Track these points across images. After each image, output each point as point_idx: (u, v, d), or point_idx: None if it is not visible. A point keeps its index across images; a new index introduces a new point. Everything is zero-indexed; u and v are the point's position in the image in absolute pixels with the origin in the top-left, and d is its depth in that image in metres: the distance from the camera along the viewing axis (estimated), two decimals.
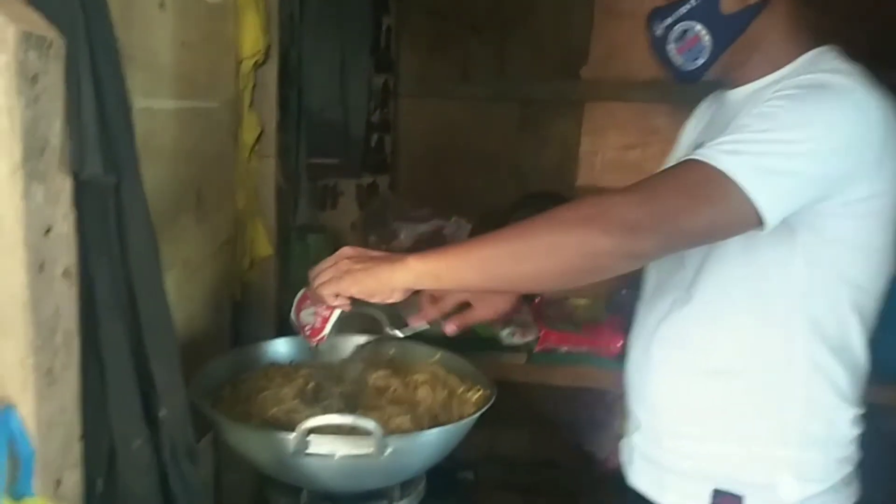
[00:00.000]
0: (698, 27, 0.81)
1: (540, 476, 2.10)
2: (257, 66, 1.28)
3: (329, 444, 0.76)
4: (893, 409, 1.22)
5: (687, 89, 2.00)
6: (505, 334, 1.51)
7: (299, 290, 1.23)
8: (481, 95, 2.15)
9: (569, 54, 2.14)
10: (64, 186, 0.54)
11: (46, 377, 0.56)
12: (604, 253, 0.70)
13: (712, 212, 0.71)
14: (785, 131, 0.72)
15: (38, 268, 0.53)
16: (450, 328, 0.98)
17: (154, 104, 0.94)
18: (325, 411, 0.83)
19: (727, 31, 0.81)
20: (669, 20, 0.83)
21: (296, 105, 1.71)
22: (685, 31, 0.82)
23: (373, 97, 2.00)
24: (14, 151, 0.49)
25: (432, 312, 0.97)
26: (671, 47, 0.84)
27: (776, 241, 0.75)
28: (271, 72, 1.33)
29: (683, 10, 0.81)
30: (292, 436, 0.75)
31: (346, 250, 0.81)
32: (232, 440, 0.86)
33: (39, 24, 0.50)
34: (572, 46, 2.14)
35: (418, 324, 0.98)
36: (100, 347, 0.60)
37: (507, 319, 1.55)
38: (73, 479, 0.60)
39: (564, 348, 1.46)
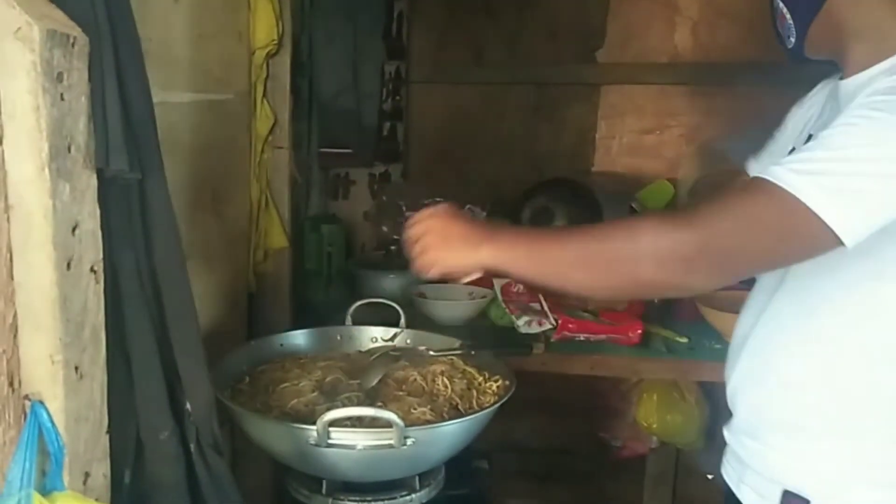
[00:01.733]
0: (781, 5, 0.83)
1: (554, 463, 2.12)
2: (270, 56, 1.29)
3: (350, 435, 0.78)
4: None
5: (705, 71, 1.99)
6: (522, 323, 1.51)
7: (313, 280, 1.22)
8: (495, 80, 2.14)
9: (584, 37, 2.12)
10: (90, 184, 0.56)
11: (75, 372, 0.58)
12: (656, 285, 0.73)
13: (782, 245, 0.70)
14: (865, 147, 0.68)
15: (66, 265, 0.55)
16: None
17: (170, 97, 0.95)
18: (346, 403, 0.84)
19: (803, 10, 0.81)
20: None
21: (307, 94, 1.72)
22: (777, 8, 0.84)
23: (385, 84, 2.00)
24: (41, 150, 0.51)
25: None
26: (777, 23, 0.85)
27: (862, 254, 0.71)
28: (284, 62, 1.33)
29: None
30: (314, 428, 0.76)
31: (438, 212, 0.85)
32: (252, 432, 0.88)
33: (64, 22, 0.51)
34: (588, 29, 2.12)
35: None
36: (126, 341, 0.62)
37: (524, 307, 1.56)
38: (102, 472, 0.62)
39: (582, 336, 1.47)
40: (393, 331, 1.17)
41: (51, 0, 0.51)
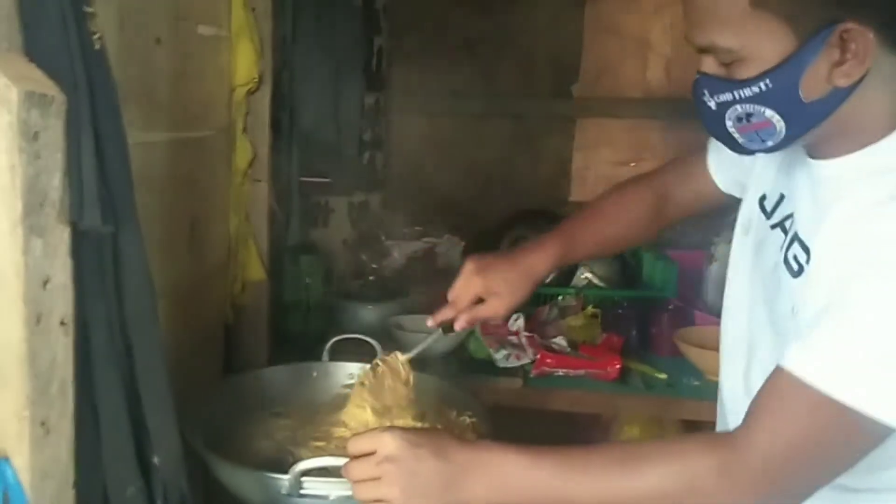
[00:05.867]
0: (768, 112, 0.65)
1: None
2: (250, 92, 1.29)
3: (323, 486, 0.76)
4: None
5: (678, 106, 2.04)
6: (500, 357, 1.51)
7: (292, 312, 1.20)
8: (472, 112, 2.17)
9: (559, 72, 2.17)
10: (63, 238, 0.55)
11: (42, 428, 0.56)
12: None
13: (848, 456, 0.63)
14: None
15: (36, 320, 0.54)
16: (459, 323, 0.96)
17: (150, 137, 0.95)
18: (318, 452, 0.83)
19: (807, 118, 0.66)
20: (727, 98, 0.67)
21: (288, 125, 1.72)
22: (749, 115, 0.66)
23: (364, 116, 2.01)
24: (15, 207, 0.50)
25: (447, 313, 0.95)
26: (730, 124, 0.69)
27: None
28: (264, 98, 1.34)
29: (747, 92, 0.65)
30: (286, 477, 0.75)
31: (387, 445, 0.66)
32: (225, 479, 0.87)
33: (42, 82, 0.50)
34: (563, 64, 2.16)
35: (431, 326, 0.98)
36: (94, 395, 0.61)
37: (502, 340, 1.56)
38: None
39: (561, 371, 1.47)
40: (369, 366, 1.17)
41: (29, 59, 0.51)
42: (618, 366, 1.43)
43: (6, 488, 0.55)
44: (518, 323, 1.57)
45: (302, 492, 0.76)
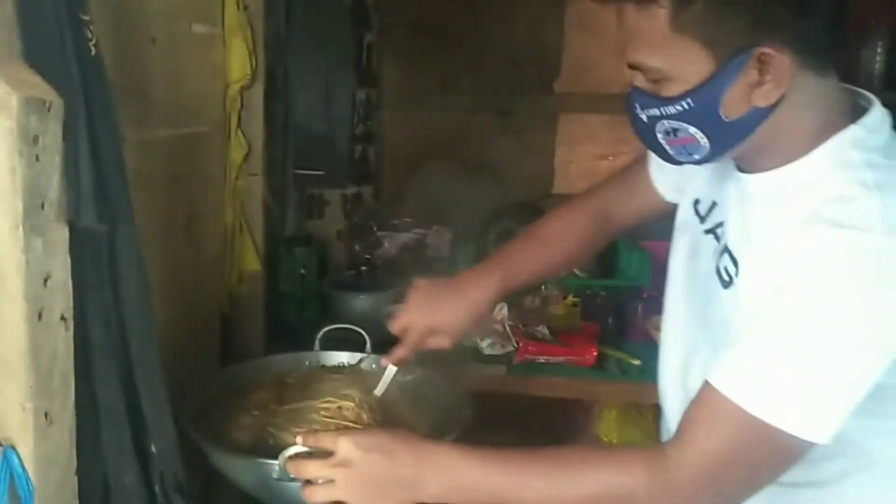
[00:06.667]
0: (692, 129, 0.66)
1: None
2: (244, 88, 1.29)
3: None
4: None
5: None
6: (485, 345, 1.53)
7: (287, 302, 1.21)
8: (460, 107, 2.17)
9: (542, 68, 2.17)
10: (61, 237, 0.56)
11: (45, 419, 0.57)
12: None
13: (776, 467, 0.64)
14: (836, 350, 0.60)
15: (38, 316, 0.55)
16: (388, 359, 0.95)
17: (146, 135, 0.94)
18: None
19: (729, 137, 0.67)
20: (655, 113, 0.68)
21: (282, 120, 1.71)
22: (675, 130, 0.67)
23: (356, 110, 2.01)
24: (16, 208, 0.51)
25: (400, 353, 0.94)
26: (660, 136, 0.69)
27: None
28: (258, 94, 1.34)
29: (672, 110, 0.66)
30: (276, 462, 0.76)
31: (342, 448, 0.68)
32: (218, 464, 0.88)
33: (40, 87, 0.51)
34: (545, 60, 2.16)
35: (386, 364, 0.96)
36: (94, 386, 0.62)
37: (487, 330, 1.57)
38: None
39: (542, 359, 1.49)
40: (359, 356, 1.18)
41: (28, 65, 0.51)
42: (594, 353, 1.45)
43: (12, 476, 0.56)
44: (502, 312, 1.58)
45: (292, 475, 0.77)
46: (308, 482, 0.71)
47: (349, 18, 1.91)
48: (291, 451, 0.74)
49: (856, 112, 0.68)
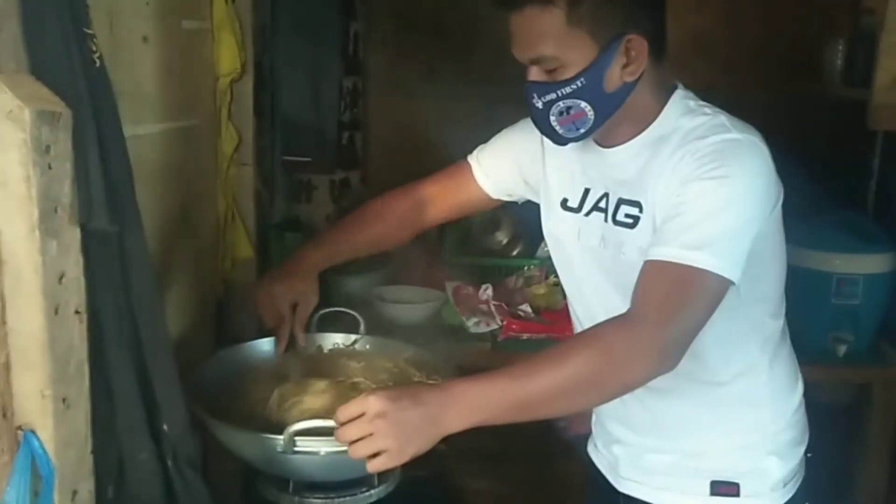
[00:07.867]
0: (583, 104, 0.82)
1: (508, 443, 2.20)
2: (234, 81, 1.30)
3: (315, 443, 0.82)
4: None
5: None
6: (471, 324, 1.58)
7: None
8: (446, 95, 2.18)
9: None
10: (74, 237, 0.59)
11: (62, 404, 0.61)
12: (644, 381, 0.79)
13: (712, 311, 0.79)
14: (729, 206, 0.79)
15: (54, 310, 0.58)
16: (301, 339, 1.10)
17: (141, 130, 0.97)
18: (305, 413, 0.89)
19: (609, 106, 0.84)
20: (552, 97, 0.83)
21: (270, 109, 1.73)
22: (569, 108, 0.83)
23: (343, 98, 2.03)
24: (31, 213, 0.54)
25: (285, 334, 1.09)
26: (553, 119, 0.85)
27: None
28: (247, 86, 1.35)
29: (567, 89, 0.82)
30: (281, 438, 0.81)
31: (374, 405, 0.73)
32: (224, 440, 0.92)
33: (49, 100, 0.54)
34: None
35: (281, 350, 1.09)
36: (108, 373, 0.65)
37: (473, 309, 1.62)
38: (87, 489, 0.66)
39: (525, 336, 1.54)
40: (353, 337, 1.22)
41: (37, 78, 0.54)
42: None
43: (34, 457, 0.60)
44: (487, 293, 1.63)
45: (296, 449, 0.82)
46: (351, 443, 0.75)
47: (335, 7, 1.91)
48: (297, 426, 0.79)
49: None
